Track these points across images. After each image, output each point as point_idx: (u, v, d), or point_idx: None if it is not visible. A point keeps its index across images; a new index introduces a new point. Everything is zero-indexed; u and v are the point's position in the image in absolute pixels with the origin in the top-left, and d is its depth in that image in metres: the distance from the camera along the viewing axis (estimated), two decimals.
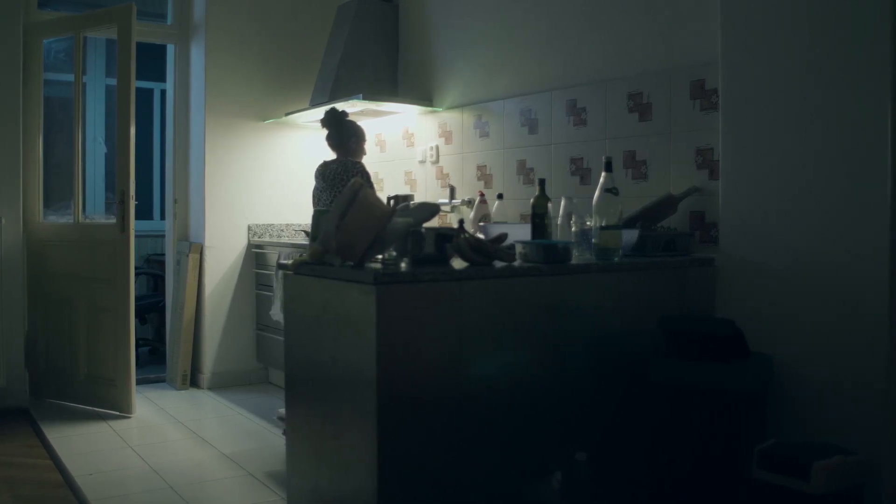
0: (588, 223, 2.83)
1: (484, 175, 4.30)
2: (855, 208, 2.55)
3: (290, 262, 2.70)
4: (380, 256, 2.56)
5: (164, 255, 5.94)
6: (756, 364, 2.60)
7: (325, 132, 5.58)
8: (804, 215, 2.69)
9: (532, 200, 3.01)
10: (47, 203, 4.90)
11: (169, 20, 5.40)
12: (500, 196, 3.99)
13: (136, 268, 4.81)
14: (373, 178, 5.20)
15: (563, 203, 3.07)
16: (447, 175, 4.60)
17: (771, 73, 2.79)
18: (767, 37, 2.80)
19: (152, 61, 6.80)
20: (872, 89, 2.47)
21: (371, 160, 5.29)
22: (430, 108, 4.69)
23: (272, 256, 4.91)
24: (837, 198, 2.60)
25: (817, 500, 2.23)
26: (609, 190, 2.74)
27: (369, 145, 5.29)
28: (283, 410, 3.24)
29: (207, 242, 5.11)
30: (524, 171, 4.02)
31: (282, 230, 5.30)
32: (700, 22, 3.13)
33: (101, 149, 7.67)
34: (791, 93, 2.73)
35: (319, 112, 4.88)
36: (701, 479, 2.51)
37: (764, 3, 2.82)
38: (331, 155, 4.21)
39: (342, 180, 3.86)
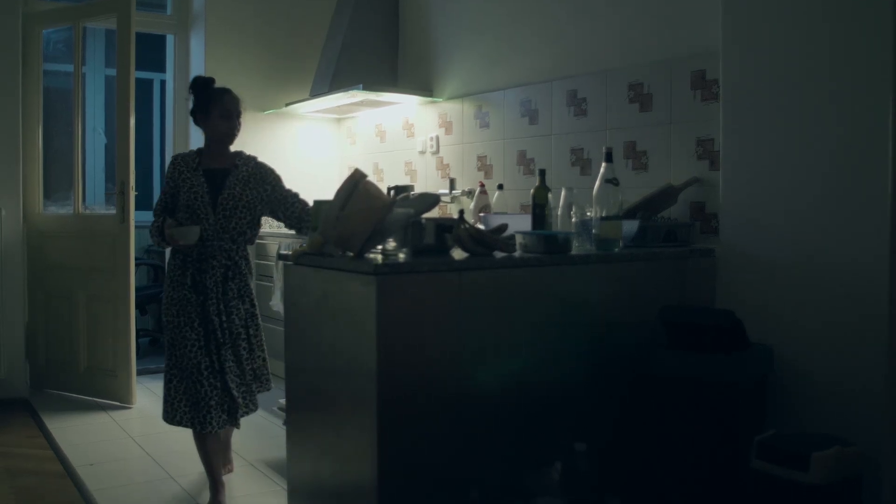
0: (588, 214, 2.83)
1: (484, 165, 4.30)
2: (856, 200, 2.54)
3: (290, 252, 2.70)
4: (380, 247, 2.56)
5: None
6: (756, 355, 2.60)
7: (325, 123, 5.60)
8: (805, 206, 2.69)
9: (532, 191, 3.01)
10: (47, 194, 4.89)
11: (168, 10, 5.39)
12: (500, 187, 3.99)
13: (136, 258, 4.81)
14: (373, 169, 5.21)
15: (563, 193, 3.06)
16: (447, 166, 4.59)
17: (772, 64, 2.78)
18: (768, 27, 2.79)
19: (152, 52, 6.79)
20: (874, 80, 2.46)
21: (371, 150, 5.29)
22: (430, 99, 4.68)
23: (272, 247, 4.90)
24: (838, 189, 2.59)
25: (816, 491, 2.24)
26: (609, 180, 2.74)
27: (369, 136, 5.30)
28: (283, 401, 3.24)
29: None
30: (524, 161, 4.01)
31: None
32: (701, 12, 3.12)
33: (101, 139, 7.66)
34: (792, 83, 2.72)
35: (320, 102, 4.88)
36: (700, 470, 2.51)
37: None
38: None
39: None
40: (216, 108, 3.17)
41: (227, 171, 3.18)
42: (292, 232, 3.71)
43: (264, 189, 3.22)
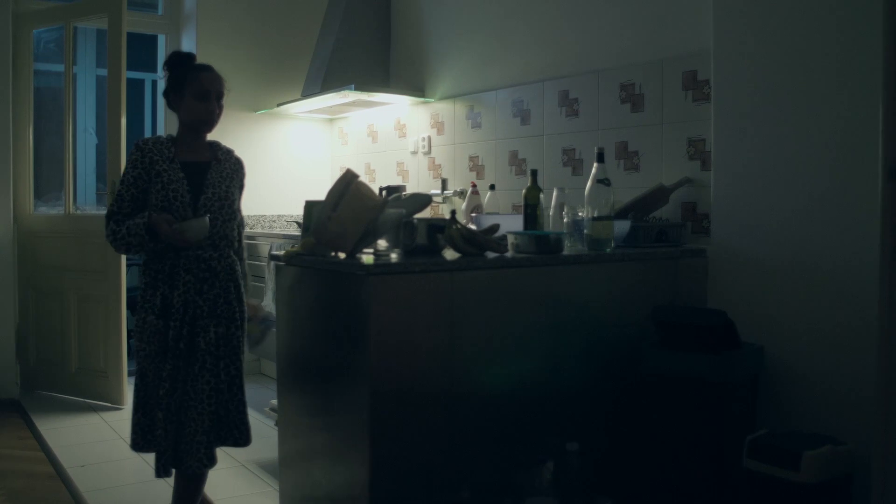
0: (580, 214, 2.84)
1: (476, 166, 4.30)
2: (846, 199, 2.55)
3: (282, 253, 2.69)
4: (372, 248, 2.56)
5: None
6: (747, 355, 2.61)
7: (317, 124, 5.60)
8: (795, 206, 2.70)
9: (524, 191, 3.01)
10: (38, 194, 4.87)
11: (160, 10, 5.37)
12: (492, 187, 3.99)
13: (127, 259, 4.80)
14: (365, 170, 5.20)
15: (555, 194, 3.07)
16: (439, 166, 4.59)
17: (763, 64, 2.79)
18: (760, 27, 2.80)
19: (143, 52, 6.78)
20: (865, 80, 2.47)
21: (363, 151, 5.28)
22: (422, 99, 4.68)
23: (264, 247, 4.89)
24: (828, 189, 2.60)
25: (807, 490, 2.25)
26: (601, 181, 2.74)
27: (360, 136, 5.29)
28: (275, 401, 3.24)
29: None
30: (516, 161, 4.02)
31: (273, 221, 5.29)
32: (692, 13, 3.12)
33: (92, 140, 7.64)
34: (783, 84, 2.73)
35: (312, 103, 4.88)
36: (692, 469, 2.52)
37: None
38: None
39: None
40: (191, 86, 2.57)
41: (207, 166, 2.63)
42: (283, 232, 3.71)
43: (240, 191, 2.77)
